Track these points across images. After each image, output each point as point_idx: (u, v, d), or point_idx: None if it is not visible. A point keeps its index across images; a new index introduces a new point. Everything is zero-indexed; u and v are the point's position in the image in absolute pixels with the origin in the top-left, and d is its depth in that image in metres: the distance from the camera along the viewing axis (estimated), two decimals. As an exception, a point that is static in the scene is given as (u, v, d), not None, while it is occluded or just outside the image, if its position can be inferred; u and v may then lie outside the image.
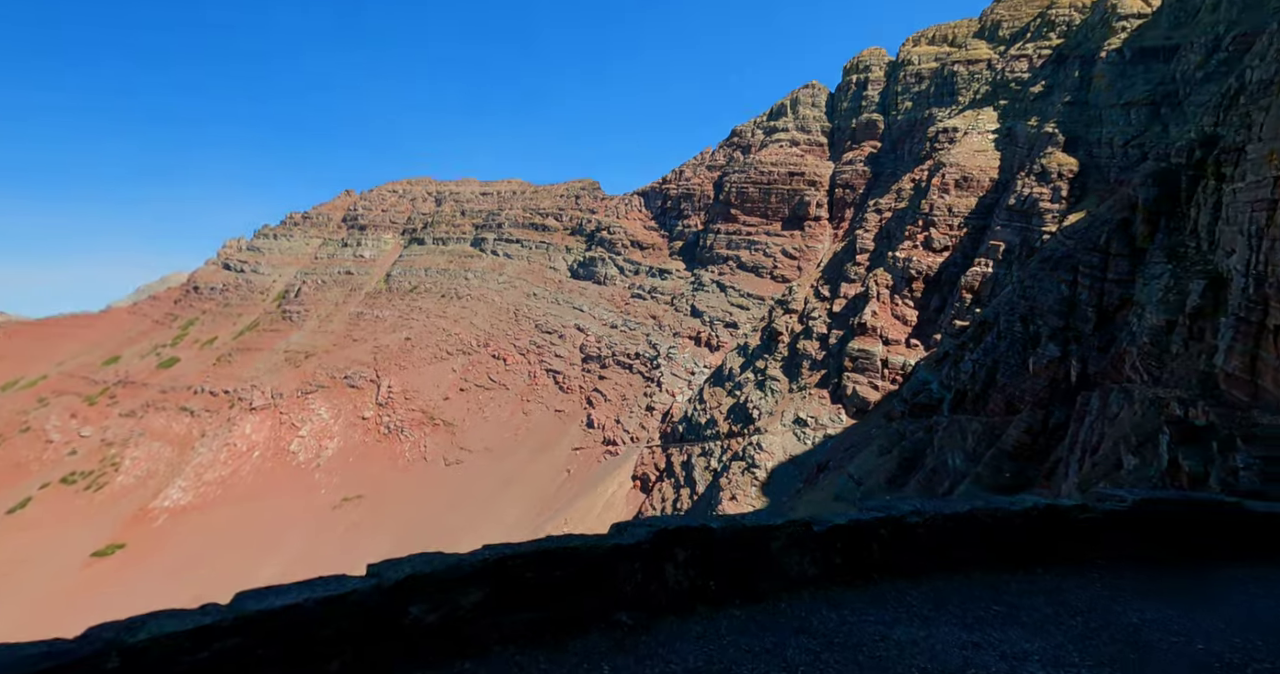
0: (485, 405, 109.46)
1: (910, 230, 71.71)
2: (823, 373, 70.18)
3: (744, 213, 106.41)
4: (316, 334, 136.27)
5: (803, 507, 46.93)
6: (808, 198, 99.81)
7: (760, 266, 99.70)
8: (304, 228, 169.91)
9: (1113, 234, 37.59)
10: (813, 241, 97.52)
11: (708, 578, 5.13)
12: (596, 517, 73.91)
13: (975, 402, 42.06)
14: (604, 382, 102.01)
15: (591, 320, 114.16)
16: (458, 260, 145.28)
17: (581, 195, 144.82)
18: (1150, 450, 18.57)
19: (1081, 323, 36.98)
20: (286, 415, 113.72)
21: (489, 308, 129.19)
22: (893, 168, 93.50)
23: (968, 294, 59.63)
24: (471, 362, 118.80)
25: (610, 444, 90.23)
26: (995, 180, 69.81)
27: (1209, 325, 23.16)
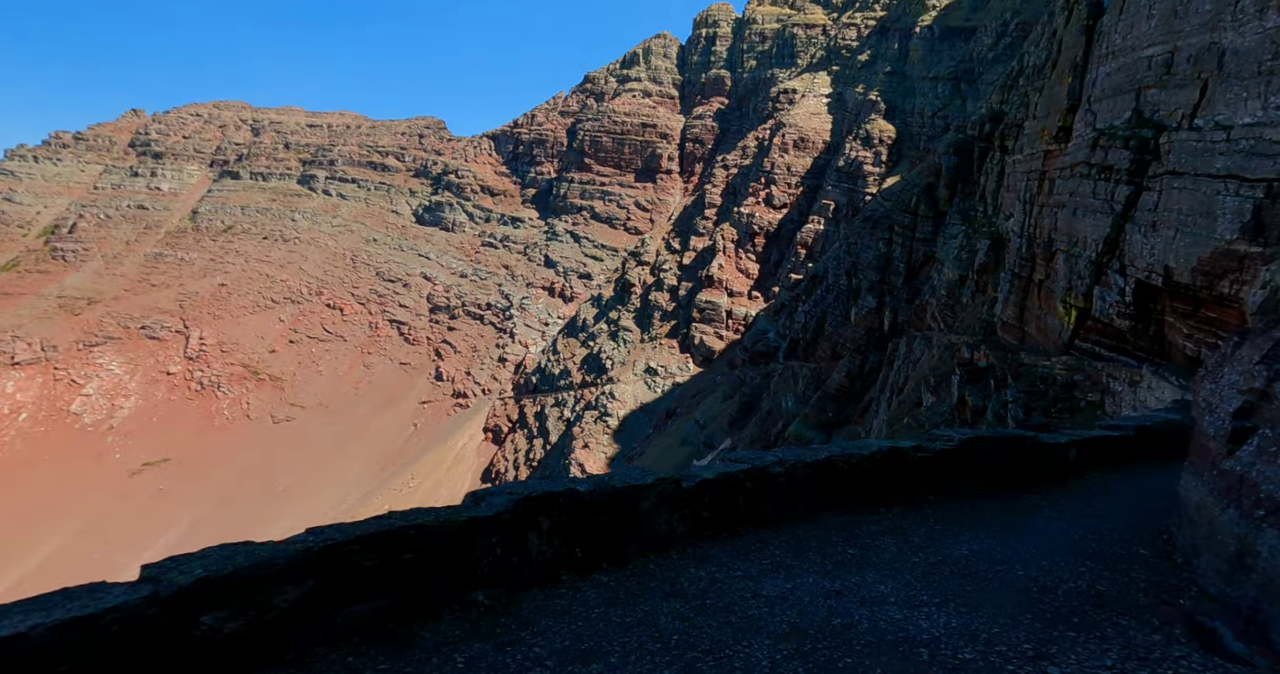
0: (320, 358, 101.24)
1: (754, 187, 75.47)
2: (673, 323, 72.97)
3: (598, 162, 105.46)
4: (101, 277, 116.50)
5: (651, 451, 49.17)
6: (659, 150, 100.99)
7: (614, 218, 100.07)
8: (77, 151, 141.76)
9: (920, 197, 42.25)
10: (664, 194, 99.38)
11: (574, 545, 4.88)
12: (446, 470, 72.31)
13: (806, 349, 46.10)
14: (454, 333, 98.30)
15: (439, 269, 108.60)
16: (282, 199, 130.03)
17: (426, 135, 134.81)
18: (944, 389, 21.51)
19: (894, 277, 41.57)
20: (64, 371, 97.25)
21: (322, 253, 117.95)
22: (739, 125, 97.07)
23: (802, 250, 64.46)
24: (302, 311, 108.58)
25: (461, 397, 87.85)
26: (828, 142, 75.13)
27: (991, 280, 27.05)
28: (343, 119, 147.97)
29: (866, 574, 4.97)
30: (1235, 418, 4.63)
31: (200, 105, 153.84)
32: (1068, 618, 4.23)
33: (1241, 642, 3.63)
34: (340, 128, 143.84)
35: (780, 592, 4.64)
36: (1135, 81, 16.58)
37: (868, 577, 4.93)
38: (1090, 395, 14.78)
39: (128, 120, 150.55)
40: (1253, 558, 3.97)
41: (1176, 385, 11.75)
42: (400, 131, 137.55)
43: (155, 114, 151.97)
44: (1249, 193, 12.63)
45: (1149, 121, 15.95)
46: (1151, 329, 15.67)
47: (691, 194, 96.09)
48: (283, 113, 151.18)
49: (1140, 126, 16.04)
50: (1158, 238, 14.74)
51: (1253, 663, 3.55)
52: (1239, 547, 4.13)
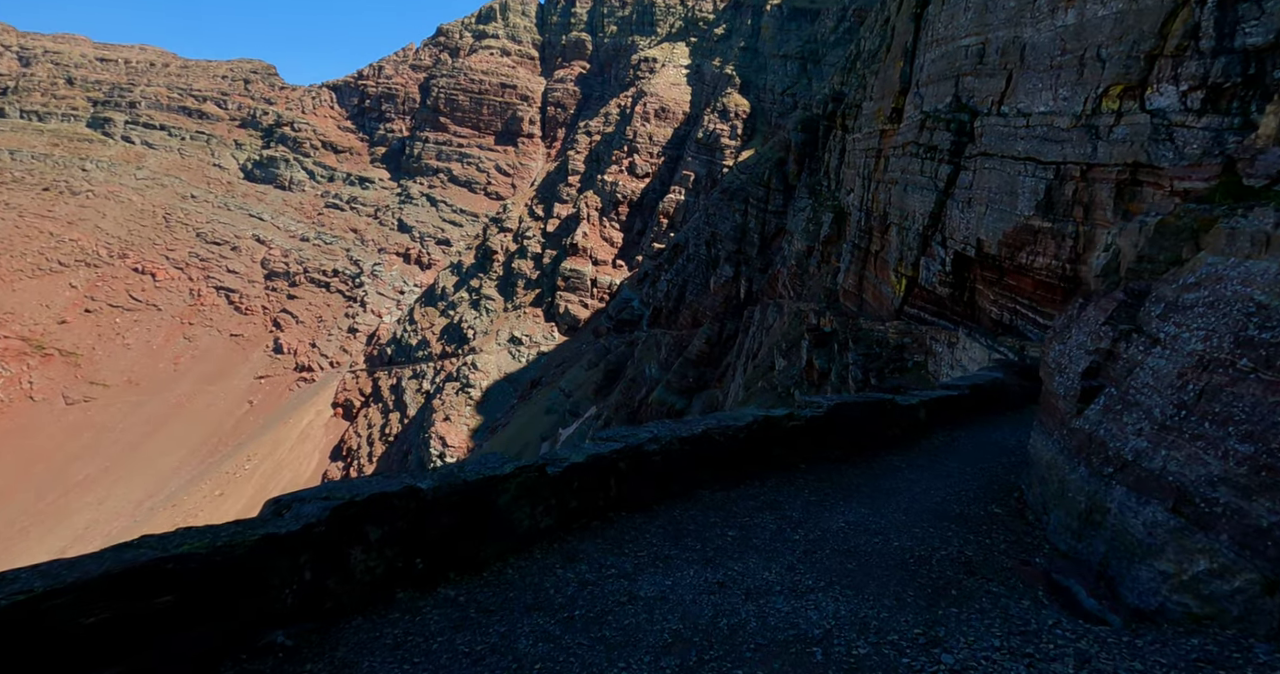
0: (126, 330, 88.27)
1: (617, 155, 75.14)
2: (537, 292, 71.49)
3: (455, 122, 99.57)
4: None
5: (515, 421, 48.32)
6: (520, 113, 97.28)
7: (474, 182, 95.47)
8: None
9: (772, 171, 44.22)
10: (526, 159, 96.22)
11: (413, 555, 4.03)
12: (290, 449, 66.54)
13: (669, 317, 47.12)
14: (295, 301, 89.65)
15: (276, 231, 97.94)
16: (68, 144, 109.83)
17: (253, 80, 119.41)
18: (795, 353, 22.75)
19: (750, 248, 43.39)
20: None
21: (124, 209, 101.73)
22: (601, 91, 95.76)
23: (665, 219, 65.44)
24: (101, 276, 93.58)
25: (305, 370, 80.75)
26: (688, 113, 76.31)
27: (835, 251, 28.93)
28: (144, 55, 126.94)
29: (749, 559, 4.68)
30: (1084, 378, 4.93)
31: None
32: (946, 591, 4.23)
33: (1094, 599, 3.82)
34: (142, 65, 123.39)
35: (659, 591, 4.19)
36: (955, 69, 18.09)
37: (750, 562, 4.63)
38: (917, 356, 16.24)
39: None
40: (1101, 515, 4.23)
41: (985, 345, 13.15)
42: (220, 75, 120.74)
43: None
44: (1043, 174, 14.28)
45: (966, 106, 17.52)
46: (966, 296, 17.49)
47: (554, 159, 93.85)
48: (61, 41, 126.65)
49: (959, 111, 17.58)
50: (972, 213, 16.33)
51: (1105, 620, 3.71)
52: (1089, 504, 4.39)
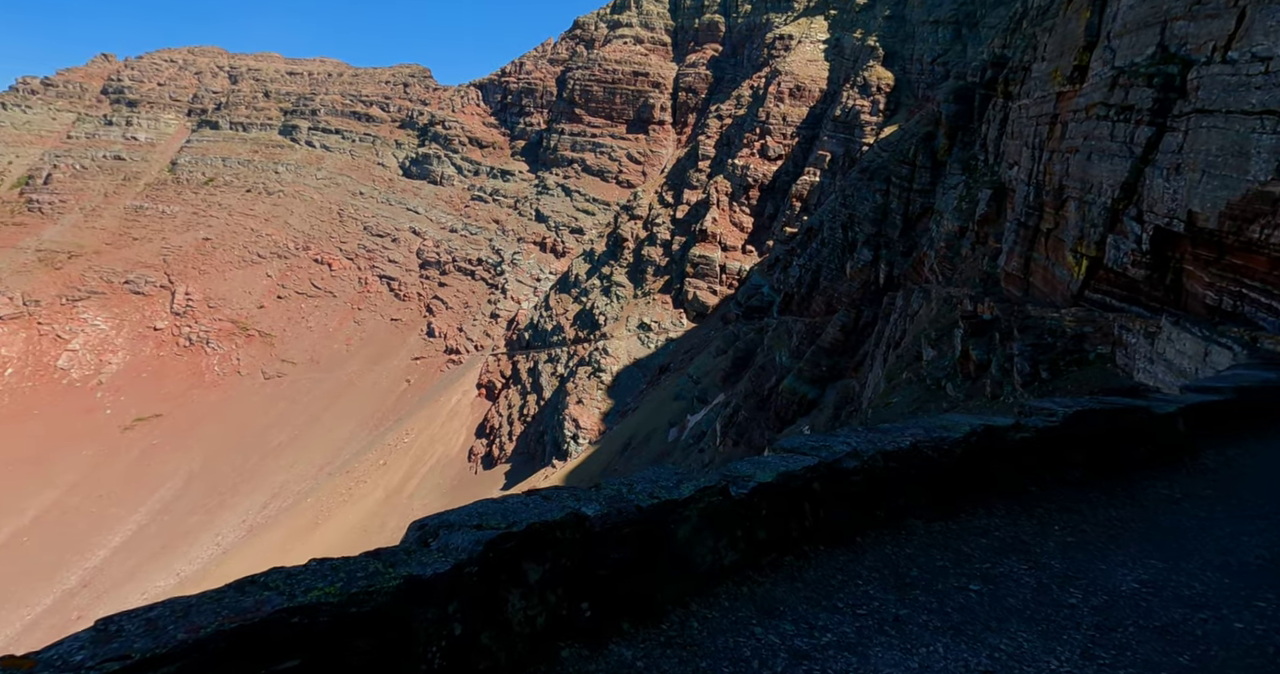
0: (309, 314, 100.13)
1: (748, 138, 73.54)
2: (666, 278, 72.13)
3: (589, 113, 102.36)
4: (81, 230, 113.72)
5: (645, 406, 49.15)
6: (652, 100, 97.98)
7: (606, 170, 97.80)
8: (47, 98, 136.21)
9: (919, 147, 41.08)
10: (657, 146, 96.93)
11: (578, 598, 3.27)
12: (441, 425, 72.49)
13: (801, 303, 45.62)
14: (445, 289, 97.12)
15: (428, 223, 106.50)
16: (265, 150, 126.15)
17: (411, 83, 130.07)
18: (946, 343, 21.09)
19: (891, 230, 40.78)
20: (48, 326, 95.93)
21: (308, 206, 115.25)
22: (733, 73, 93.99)
23: (797, 202, 63.25)
24: (290, 266, 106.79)
25: (453, 353, 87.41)
26: (825, 91, 72.88)
27: (993, 230, 26.38)
28: (324, 66, 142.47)
29: (1016, 633, 3.32)
30: None
31: (174, 51, 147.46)
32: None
33: None
34: (321, 76, 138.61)
35: (904, 673, 3.02)
36: (1162, 13, 15.60)
37: (1020, 638, 3.27)
38: (1100, 348, 14.37)
39: (98, 66, 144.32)
40: None
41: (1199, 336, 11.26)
42: (384, 80, 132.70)
43: (127, 59, 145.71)
44: (1287, 130, 11.87)
45: (1175, 56, 15.05)
46: (1168, 278, 15.15)
47: (685, 145, 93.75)
48: (261, 59, 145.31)
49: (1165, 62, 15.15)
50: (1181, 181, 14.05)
51: None
52: None
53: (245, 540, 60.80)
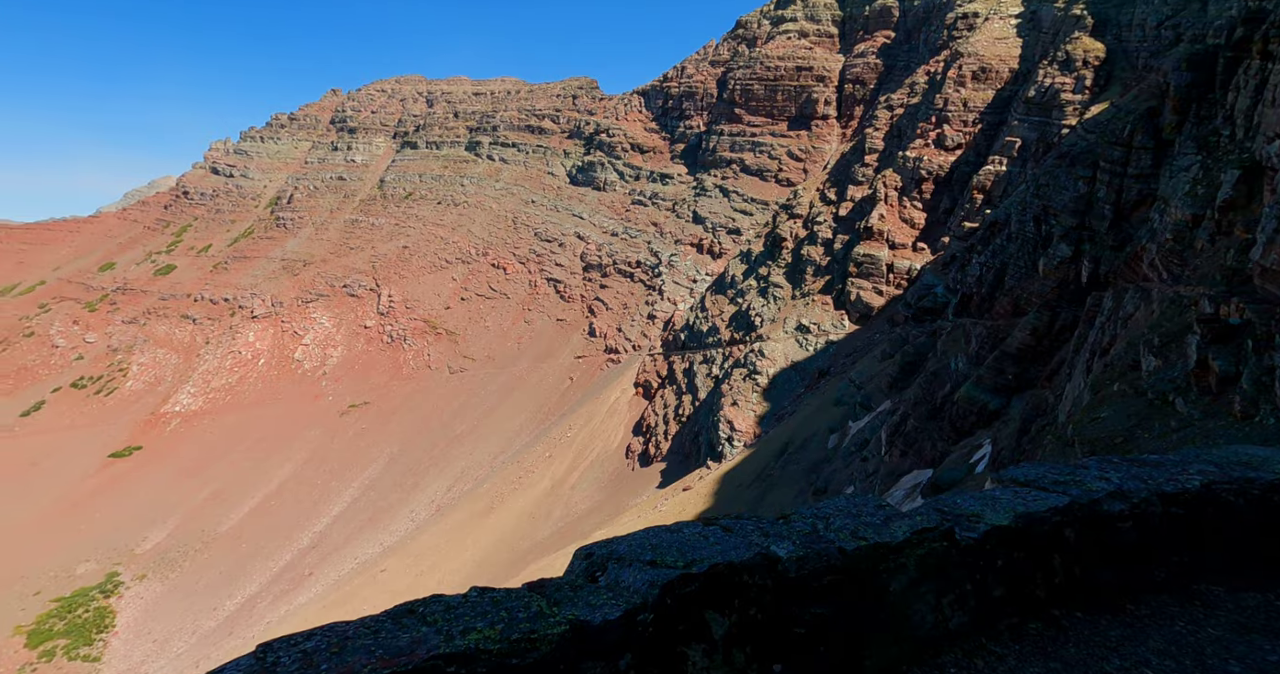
0: (486, 314, 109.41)
1: (922, 128, 68.27)
2: (826, 279, 69.24)
3: (749, 112, 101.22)
4: (313, 242, 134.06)
5: (802, 411, 47.54)
6: (815, 95, 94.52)
7: (765, 170, 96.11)
8: (291, 130, 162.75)
9: (1137, 125, 35.39)
10: (820, 142, 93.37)
11: (770, 659, 2.71)
12: (600, 422, 75.60)
13: (981, 305, 41.46)
14: (605, 290, 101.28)
15: (591, 228, 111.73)
16: (453, 165, 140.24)
17: (579, 95, 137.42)
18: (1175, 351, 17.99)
19: (1097, 221, 35.63)
20: (288, 324, 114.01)
21: (487, 215, 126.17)
22: (906, 60, 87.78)
23: (979, 194, 57.53)
24: (471, 270, 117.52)
25: (612, 352, 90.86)
26: (1015, 71, 65.52)
27: (1241, 218, 22.01)
28: (504, 85, 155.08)
29: None
30: None
31: (384, 81, 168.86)
32: None
33: None
34: (502, 94, 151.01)
35: None
36: None
37: None
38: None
39: (329, 99, 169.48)
40: None
41: None
42: (555, 94, 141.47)
43: (350, 92, 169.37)
44: None
45: None
46: None
47: (850, 140, 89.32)
48: (452, 83, 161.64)
49: None
50: None
51: None
52: None
53: (433, 518, 67.82)
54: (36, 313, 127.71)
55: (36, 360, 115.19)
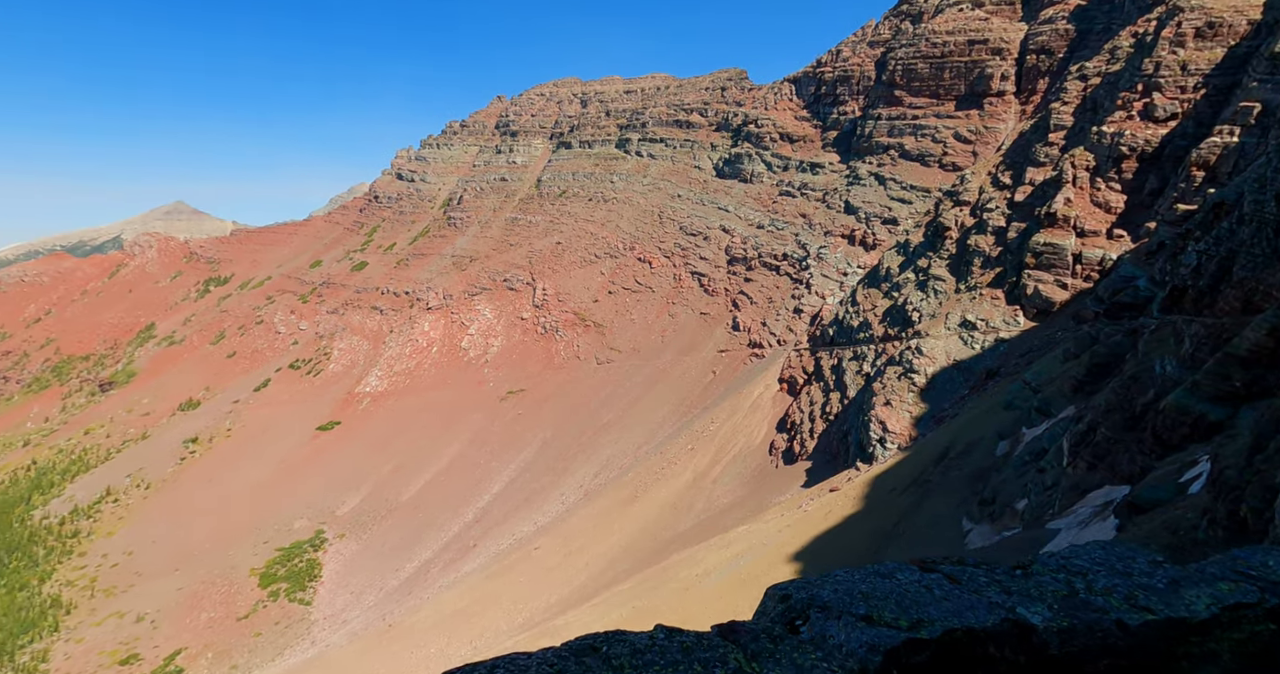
0: (632, 308, 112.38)
1: (1124, 98, 59.54)
2: (997, 271, 62.90)
3: (910, 94, 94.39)
4: (478, 239, 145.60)
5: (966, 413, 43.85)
6: (990, 70, 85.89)
7: (926, 154, 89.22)
8: (462, 136, 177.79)
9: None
10: (993, 121, 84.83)
11: None
12: (743, 417, 74.88)
13: (1198, 299, 35.44)
14: (750, 284, 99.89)
15: (737, 221, 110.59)
16: (603, 163, 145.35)
17: (728, 87, 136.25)
18: None
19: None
20: (457, 315, 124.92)
21: (634, 211, 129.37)
22: (1106, 22, 76.93)
23: (1199, 171, 49.08)
24: (619, 265, 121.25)
25: (756, 347, 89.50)
26: (1255, 23, 54.90)
27: None
28: (653, 82, 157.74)
29: None
30: None
31: (543, 85, 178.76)
32: None
33: None
34: (651, 90, 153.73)
35: None
36: None
37: None
38: None
39: (495, 106, 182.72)
40: None
41: None
42: (704, 87, 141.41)
43: (513, 98, 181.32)
44: None
45: None
46: None
47: (1030, 117, 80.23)
48: (605, 83, 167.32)
49: None
50: None
51: None
52: None
53: (581, 502, 71.19)
54: (265, 304, 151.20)
55: (264, 344, 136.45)
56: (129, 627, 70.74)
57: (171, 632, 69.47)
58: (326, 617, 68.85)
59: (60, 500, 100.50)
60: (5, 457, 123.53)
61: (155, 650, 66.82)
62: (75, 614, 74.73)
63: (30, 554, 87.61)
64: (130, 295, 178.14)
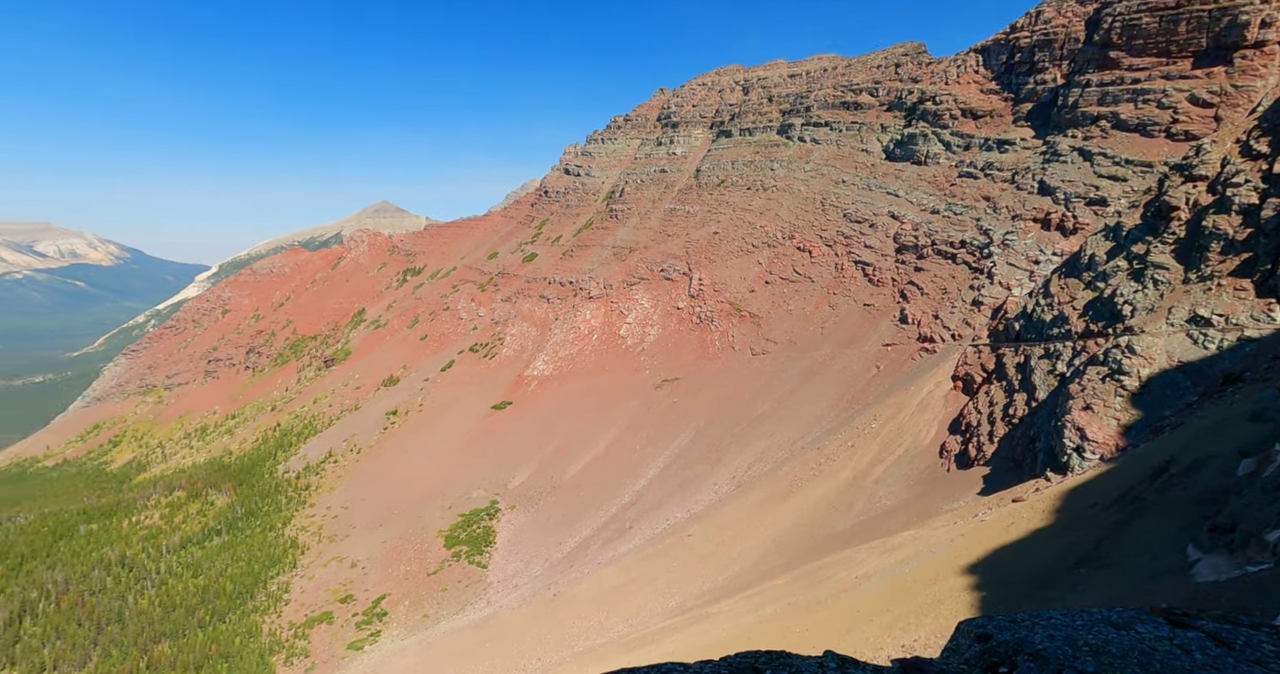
0: (789, 298, 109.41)
1: None
2: (1244, 257, 52.51)
3: (1130, 54, 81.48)
4: (637, 230, 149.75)
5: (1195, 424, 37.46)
6: (1244, 15, 71.50)
7: (1149, 123, 76.65)
8: (625, 130, 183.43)
9: None
10: (1246, 78, 70.69)
11: None
12: (910, 416, 70.14)
13: None
14: (920, 274, 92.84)
15: (908, 206, 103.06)
16: (763, 150, 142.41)
17: (903, 63, 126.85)
18: None
19: None
20: (616, 304, 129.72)
21: (794, 198, 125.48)
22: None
23: None
24: (776, 254, 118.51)
25: (926, 341, 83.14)
26: None
27: None
28: (820, 63, 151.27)
29: None
30: None
31: (705, 75, 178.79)
32: None
33: None
34: (817, 72, 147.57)
35: None
36: None
37: None
38: None
39: (657, 98, 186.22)
40: None
41: None
42: (875, 65, 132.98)
43: (675, 89, 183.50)
44: None
45: None
46: None
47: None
48: (768, 68, 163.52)
49: None
50: None
51: None
52: None
53: (734, 493, 71.11)
54: (450, 292, 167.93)
55: (449, 329, 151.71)
56: (345, 571, 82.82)
57: (377, 579, 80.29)
58: (500, 580, 75.50)
59: (296, 458, 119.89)
60: (259, 418, 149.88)
61: (365, 593, 77.68)
62: (307, 555, 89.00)
63: (275, 501, 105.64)
64: (347, 284, 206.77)
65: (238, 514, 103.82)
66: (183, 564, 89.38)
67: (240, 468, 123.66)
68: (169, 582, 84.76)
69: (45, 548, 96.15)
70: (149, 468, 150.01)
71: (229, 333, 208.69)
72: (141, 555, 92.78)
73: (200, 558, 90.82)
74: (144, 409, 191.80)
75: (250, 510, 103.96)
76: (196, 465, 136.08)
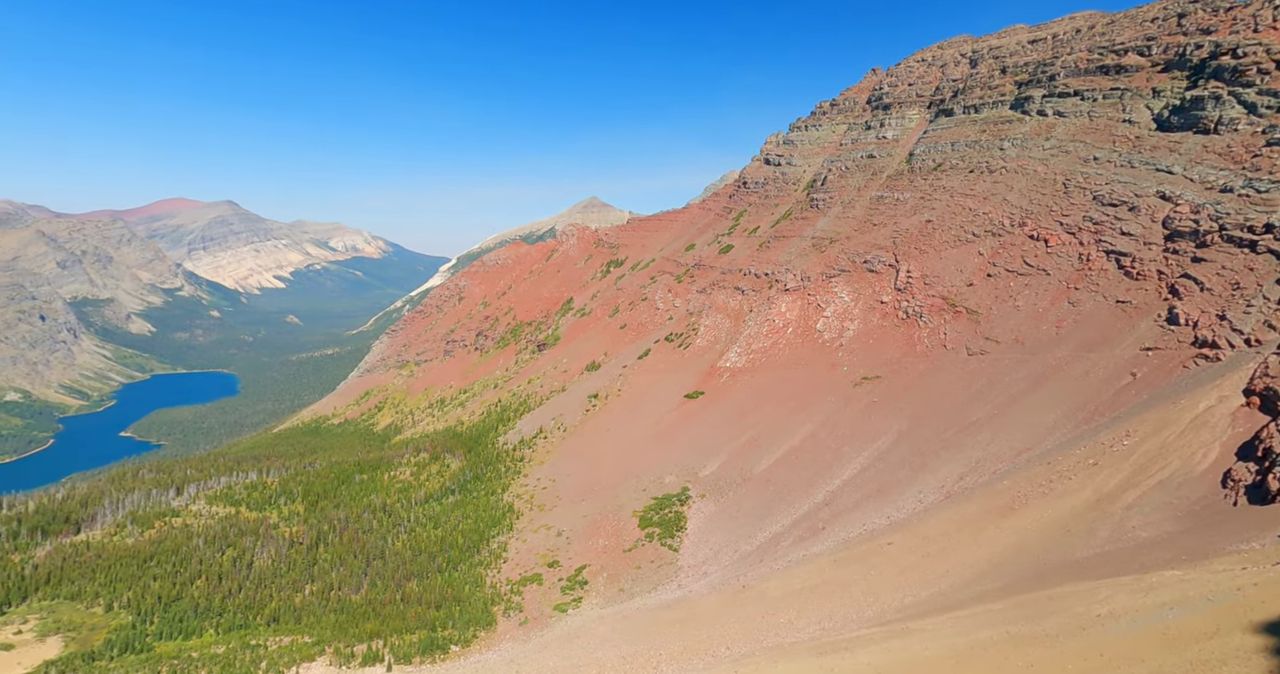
0: (1017, 293, 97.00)
1: None
2: None
3: None
4: (839, 220, 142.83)
5: None
6: None
7: None
8: (831, 116, 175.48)
9: None
10: None
11: None
12: (1178, 435, 58.52)
13: None
14: (1201, 265, 76.71)
15: (1186, 184, 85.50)
16: (991, 128, 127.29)
17: (1189, 12, 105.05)
18: None
19: None
20: (813, 297, 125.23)
21: (1028, 180, 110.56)
22: None
23: None
24: (1002, 243, 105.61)
25: (1206, 346, 68.62)
26: None
27: None
28: (1072, 23, 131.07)
29: None
30: None
31: (924, 50, 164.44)
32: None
33: None
34: (1067, 35, 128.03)
35: None
36: None
37: None
38: None
39: (868, 80, 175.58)
40: None
41: None
42: (1149, 18, 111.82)
43: (889, 69, 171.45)
44: None
45: None
46: None
47: None
48: (1003, 36, 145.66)
49: None
50: None
51: None
52: None
53: (942, 504, 65.20)
54: (648, 283, 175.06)
55: (646, 318, 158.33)
56: (552, 538, 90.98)
57: (579, 549, 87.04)
58: (690, 565, 77.53)
59: (513, 432, 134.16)
60: (484, 394, 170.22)
61: (569, 561, 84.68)
62: (521, 520, 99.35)
63: (496, 469, 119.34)
64: (558, 275, 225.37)
65: (467, 477, 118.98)
66: (427, 515, 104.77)
67: (469, 437, 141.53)
68: (416, 530, 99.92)
69: (332, 490, 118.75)
70: (402, 431, 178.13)
71: (463, 317, 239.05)
72: (397, 504, 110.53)
73: (439, 512, 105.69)
74: (399, 381, 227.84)
75: (477, 475, 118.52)
76: (437, 432, 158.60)
